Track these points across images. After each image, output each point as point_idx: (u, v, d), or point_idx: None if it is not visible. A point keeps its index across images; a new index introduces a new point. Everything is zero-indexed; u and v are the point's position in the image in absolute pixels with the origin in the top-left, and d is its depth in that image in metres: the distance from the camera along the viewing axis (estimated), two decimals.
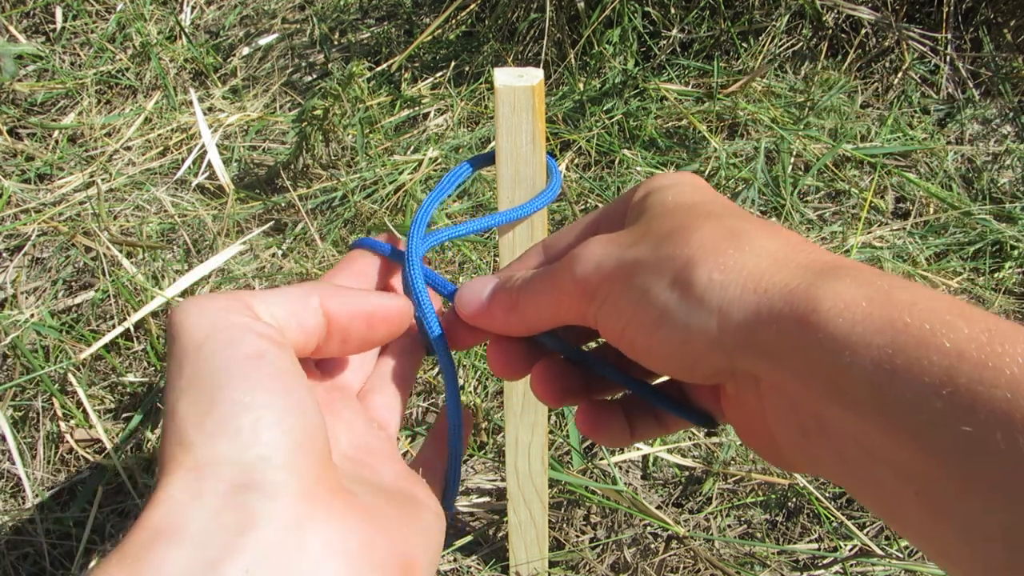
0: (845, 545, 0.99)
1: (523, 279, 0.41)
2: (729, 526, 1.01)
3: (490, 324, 0.42)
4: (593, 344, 0.47)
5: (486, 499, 1.03)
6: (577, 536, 0.99)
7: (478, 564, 0.98)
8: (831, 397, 0.29)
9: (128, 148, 1.54)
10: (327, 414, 0.40)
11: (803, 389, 0.30)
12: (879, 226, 1.34)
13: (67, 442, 1.08)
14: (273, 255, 1.30)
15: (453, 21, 1.66)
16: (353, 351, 0.42)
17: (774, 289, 0.31)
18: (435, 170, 1.41)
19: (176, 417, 0.32)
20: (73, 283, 1.30)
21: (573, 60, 1.54)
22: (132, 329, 1.17)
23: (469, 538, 0.98)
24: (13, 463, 1.07)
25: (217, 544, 0.29)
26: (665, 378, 0.43)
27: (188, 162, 1.48)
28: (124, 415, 1.13)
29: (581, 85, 1.53)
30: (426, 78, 1.60)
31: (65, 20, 1.76)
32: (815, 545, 1.00)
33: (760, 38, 1.58)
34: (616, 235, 0.38)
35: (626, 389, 0.44)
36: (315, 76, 1.68)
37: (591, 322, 0.37)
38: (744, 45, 1.58)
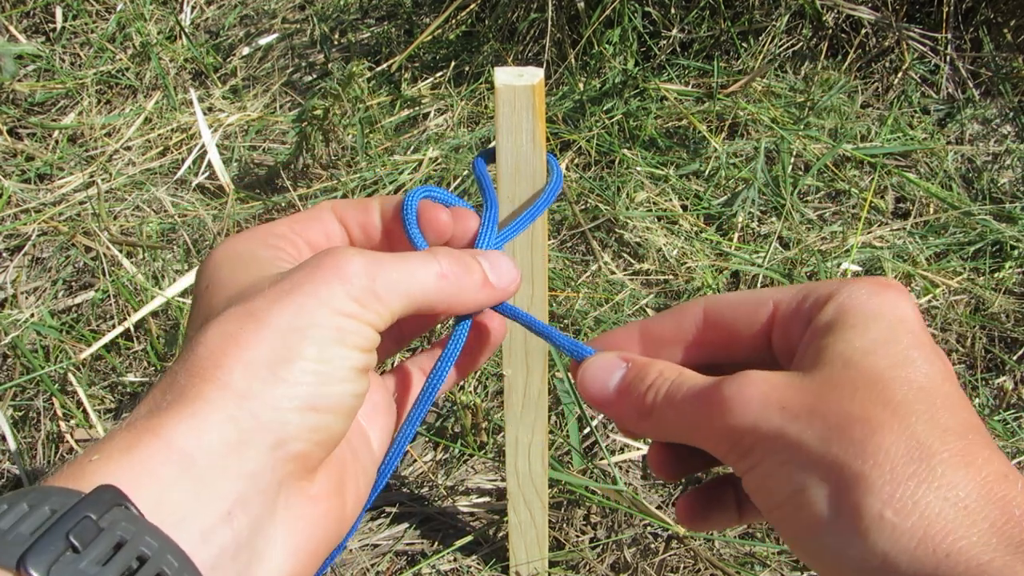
0: None
1: (664, 391, 0.37)
2: None
3: (614, 416, 0.40)
4: None
5: (486, 499, 1.03)
6: (577, 536, 0.99)
7: (478, 564, 0.98)
8: None
9: (128, 148, 1.54)
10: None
11: None
12: (879, 226, 1.34)
13: (67, 442, 1.08)
14: None
15: (453, 21, 1.66)
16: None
17: (959, 556, 0.27)
18: (435, 170, 1.41)
19: (260, 336, 0.32)
20: (73, 283, 1.30)
21: (573, 60, 1.54)
22: (132, 329, 1.17)
23: (469, 538, 0.98)
24: (13, 463, 1.07)
25: (208, 491, 0.30)
26: None
27: (188, 162, 1.48)
28: (124, 415, 1.13)
29: (581, 85, 1.52)
30: (426, 78, 1.60)
31: (65, 20, 1.76)
32: None
33: (760, 38, 1.58)
34: (783, 388, 0.33)
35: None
36: (315, 76, 1.68)
37: (735, 471, 0.34)
38: (744, 45, 1.58)
